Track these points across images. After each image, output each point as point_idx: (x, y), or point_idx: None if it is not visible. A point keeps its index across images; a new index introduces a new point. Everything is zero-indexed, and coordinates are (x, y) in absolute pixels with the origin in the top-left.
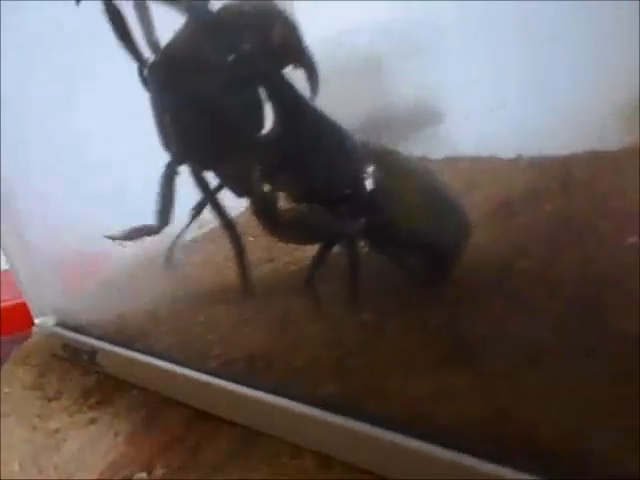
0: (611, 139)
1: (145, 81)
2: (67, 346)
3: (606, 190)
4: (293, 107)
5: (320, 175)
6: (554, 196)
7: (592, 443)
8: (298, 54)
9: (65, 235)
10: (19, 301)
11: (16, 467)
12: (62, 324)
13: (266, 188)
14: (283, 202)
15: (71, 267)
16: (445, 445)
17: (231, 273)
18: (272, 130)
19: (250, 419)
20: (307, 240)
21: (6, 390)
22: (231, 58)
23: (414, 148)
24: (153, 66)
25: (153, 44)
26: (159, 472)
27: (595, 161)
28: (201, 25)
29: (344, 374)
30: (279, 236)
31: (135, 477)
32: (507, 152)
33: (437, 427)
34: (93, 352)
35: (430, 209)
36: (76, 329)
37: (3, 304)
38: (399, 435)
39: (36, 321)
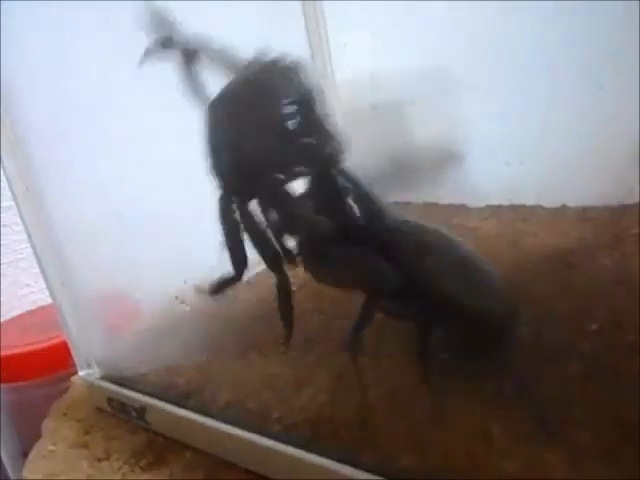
0: None
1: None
2: (113, 400)
3: None
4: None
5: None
6: (610, 249)
7: None
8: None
9: (111, 285)
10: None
11: None
12: (107, 377)
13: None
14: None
15: (116, 316)
16: None
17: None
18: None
19: None
20: (346, 282)
21: (51, 447)
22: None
23: (439, 190)
24: (212, 104)
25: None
26: None
27: None
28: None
29: (417, 446)
30: (318, 274)
31: None
32: (530, 200)
33: None
34: (142, 409)
35: (460, 280)
36: (122, 383)
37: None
38: None
39: (80, 373)
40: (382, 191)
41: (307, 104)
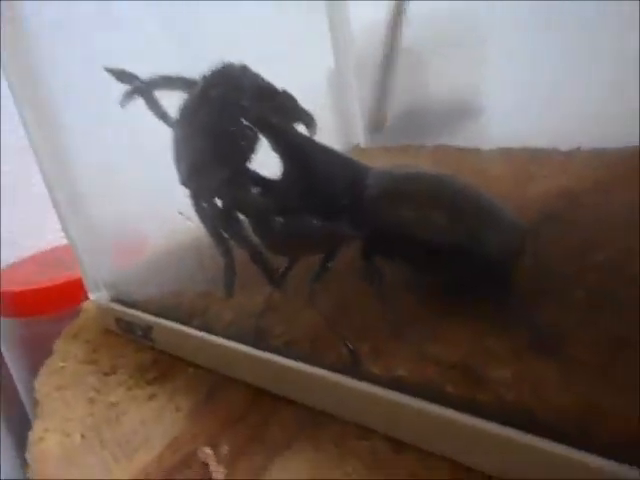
0: None
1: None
2: (120, 320)
3: None
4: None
5: (316, 191)
6: (623, 188)
7: None
8: (297, 115)
9: (120, 211)
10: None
11: (78, 438)
12: (116, 300)
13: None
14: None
15: (124, 243)
16: (524, 430)
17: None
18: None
19: (314, 399)
20: (303, 249)
21: (61, 364)
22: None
23: (457, 139)
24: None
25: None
26: (225, 449)
27: None
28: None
29: (415, 358)
30: (274, 248)
31: (200, 453)
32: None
33: (517, 413)
34: (148, 328)
35: (441, 213)
36: (130, 305)
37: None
38: (475, 419)
39: (91, 297)
40: (397, 135)
41: (256, 94)
